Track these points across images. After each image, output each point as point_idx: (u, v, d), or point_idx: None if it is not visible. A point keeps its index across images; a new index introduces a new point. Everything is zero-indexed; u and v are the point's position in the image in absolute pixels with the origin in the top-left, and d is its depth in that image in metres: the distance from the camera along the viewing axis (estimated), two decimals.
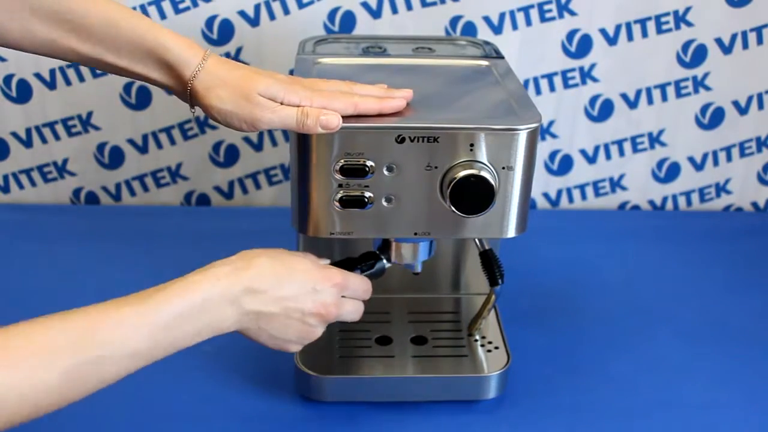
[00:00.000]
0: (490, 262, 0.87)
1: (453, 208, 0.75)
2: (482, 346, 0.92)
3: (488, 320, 0.95)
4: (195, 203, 1.30)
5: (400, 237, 0.83)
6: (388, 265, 0.87)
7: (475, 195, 0.75)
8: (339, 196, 0.75)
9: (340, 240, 0.97)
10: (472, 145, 0.74)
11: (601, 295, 1.09)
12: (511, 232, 0.79)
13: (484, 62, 0.91)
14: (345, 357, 0.89)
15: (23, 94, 1.20)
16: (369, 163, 0.74)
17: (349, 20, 1.18)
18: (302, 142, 0.74)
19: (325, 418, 0.86)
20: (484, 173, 0.74)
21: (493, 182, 0.74)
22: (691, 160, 1.31)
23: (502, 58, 0.93)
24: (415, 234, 0.78)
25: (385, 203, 0.76)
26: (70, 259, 1.13)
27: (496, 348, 0.91)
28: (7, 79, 1.19)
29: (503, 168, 0.75)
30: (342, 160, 0.74)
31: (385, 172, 0.75)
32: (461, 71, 0.89)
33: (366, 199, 0.76)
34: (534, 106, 0.78)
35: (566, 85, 1.24)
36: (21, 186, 1.27)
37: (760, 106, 1.27)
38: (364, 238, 0.80)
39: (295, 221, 0.79)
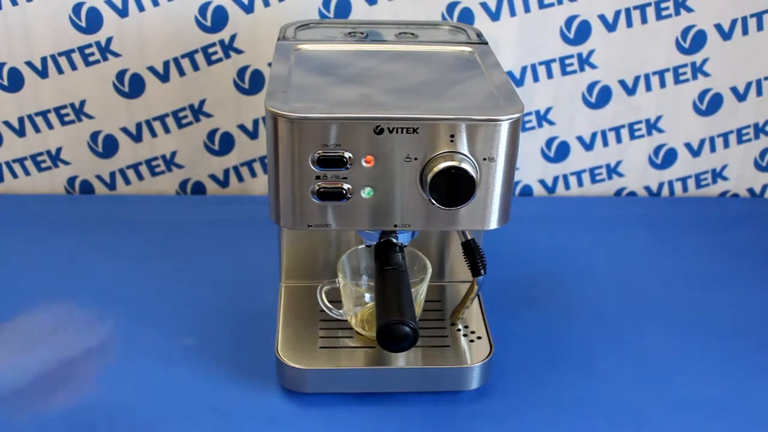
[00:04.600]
0: (472, 252, 0.86)
1: (433, 201, 0.74)
2: (465, 336, 0.91)
3: (472, 309, 0.94)
4: (190, 191, 1.30)
5: (379, 229, 0.82)
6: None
7: (455, 187, 0.74)
8: (316, 188, 0.75)
9: (322, 231, 0.96)
10: (452, 135, 0.73)
11: (592, 285, 1.08)
12: (493, 224, 0.78)
13: (467, 48, 0.90)
14: (326, 348, 0.89)
15: (15, 82, 1.19)
16: (347, 154, 0.74)
17: (344, 6, 1.17)
18: (278, 132, 0.73)
19: (307, 409, 0.86)
20: (464, 165, 0.73)
21: (473, 174, 0.73)
22: (688, 146, 1.29)
23: (486, 43, 0.92)
24: (395, 226, 0.78)
25: (363, 195, 0.76)
26: (65, 249, 1.13)
27: (479, 338, 0.90)
28: None
29: (485, 159, 0.74)
30: (319, 151, 0.73)
31: (364, 164, 0.74)
32: (443, 58, 0.88)
33: (344, 191, 0.75)
34: (517, 96, 0.77)
35: (564, 72, 1.23)
36: (15, 175, 1.27)
37: (759, 92, 1.25)
38: (343, 230, 0.80)
39: (272, 213, 0.78)
